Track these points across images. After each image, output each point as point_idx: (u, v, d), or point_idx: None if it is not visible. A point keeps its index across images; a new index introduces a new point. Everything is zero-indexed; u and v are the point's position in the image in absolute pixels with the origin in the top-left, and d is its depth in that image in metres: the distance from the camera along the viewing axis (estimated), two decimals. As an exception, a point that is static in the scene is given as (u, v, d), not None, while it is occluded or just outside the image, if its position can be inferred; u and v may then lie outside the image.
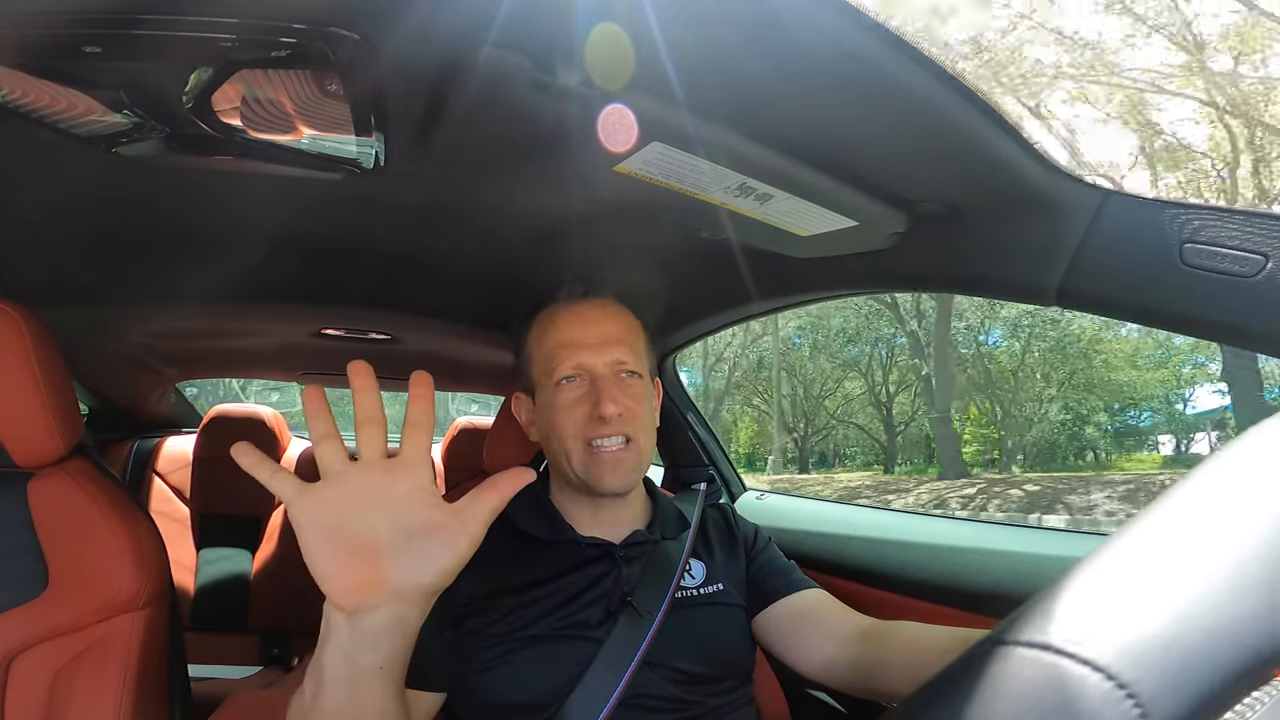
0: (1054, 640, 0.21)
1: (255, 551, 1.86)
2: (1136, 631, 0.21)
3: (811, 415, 17.70)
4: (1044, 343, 14.22)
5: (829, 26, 0.46)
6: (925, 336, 14.00)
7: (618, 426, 0.73)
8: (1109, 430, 15.17)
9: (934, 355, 13.27)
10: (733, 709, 0.74)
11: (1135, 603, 0.21)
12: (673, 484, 1.51)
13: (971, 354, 14.78)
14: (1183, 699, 0.19)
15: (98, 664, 0.73)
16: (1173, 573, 0.22)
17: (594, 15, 0.45)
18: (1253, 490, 0.23)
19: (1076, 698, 0.20)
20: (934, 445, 14.76)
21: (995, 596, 0.82)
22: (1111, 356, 14.12)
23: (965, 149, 0.58)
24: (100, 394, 1.85)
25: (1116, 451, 15.25)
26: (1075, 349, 13.98)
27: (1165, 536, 0.23)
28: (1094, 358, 14.06)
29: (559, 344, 0.77)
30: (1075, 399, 14.33)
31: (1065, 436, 14.92)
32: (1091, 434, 14.94)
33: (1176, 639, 0.20)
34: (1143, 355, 14.30)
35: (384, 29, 0.48)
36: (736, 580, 0.82)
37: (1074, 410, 14.46)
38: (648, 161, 0.63)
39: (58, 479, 0.77)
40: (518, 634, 0.69)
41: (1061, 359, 14.22)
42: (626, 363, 0.76)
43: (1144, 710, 0.19)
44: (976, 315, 14.23)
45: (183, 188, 0.78)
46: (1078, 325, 13.51)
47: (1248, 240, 0.52)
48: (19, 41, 0.47)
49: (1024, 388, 14.64)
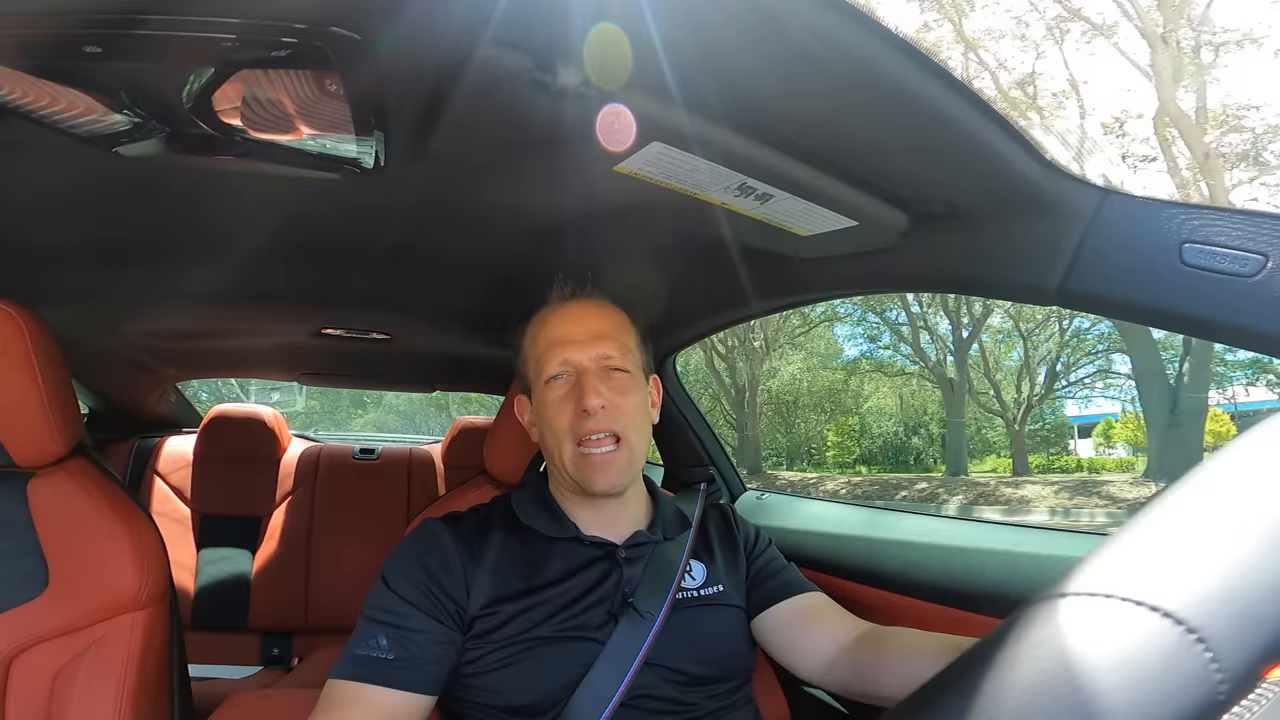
0: (1120, 589, 0.21)
1: (255, 551, 1.86)
2: (1199, 581, 0.21)
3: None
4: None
5: (828, 26, 0.46)
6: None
7: (603, 422, 0.73)
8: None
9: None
10: (732, 709, 0.74)
11: (1192, 555, 0.22)
12: (672, 484, 1.51)
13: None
14: (1249, 645, 0.19)
15: (98, 664, 0.73)
16: (1224, 528, 0.22)
17: (592, 15, 0.45)
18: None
19: (1147, 644, 0.20)
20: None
21: (995, 596, 0.82)
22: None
23: (965, 149, 0.58)
24: (100, 394, 1.85)
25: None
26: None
27: (1212, 497, 0.23)
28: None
29: (548, 342, 0.77)
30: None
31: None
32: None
33: (1234, 590, 0.20)
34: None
35: (383, 29, 0.48)
36: (737, 582, 0.82)
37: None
38: (648, 161, 0.63)
39: (58, 479, 0.77)
40: (522, 636, 0.69)
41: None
42: (612, 358, 0.76)
43: (1214, 655, 0.19)
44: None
45: (183, 188, 0.78)
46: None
47: (1248, 240, 0.52)
48: (19, 41, 0.47)
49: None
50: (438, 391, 2.29)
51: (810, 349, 17.60)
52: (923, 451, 17.12)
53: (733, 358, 16.37)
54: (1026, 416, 14.72)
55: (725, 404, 16.70)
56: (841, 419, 17.23)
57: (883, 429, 17.47)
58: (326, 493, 1.94)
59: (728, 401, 16.65)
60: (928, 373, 15.73)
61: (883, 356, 16.94)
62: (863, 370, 17.19)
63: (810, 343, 17.41)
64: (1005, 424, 15.15)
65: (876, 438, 17.44)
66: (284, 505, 1.92)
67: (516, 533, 0.77)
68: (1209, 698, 0.19)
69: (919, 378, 16.41)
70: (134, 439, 1.93)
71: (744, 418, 16.24)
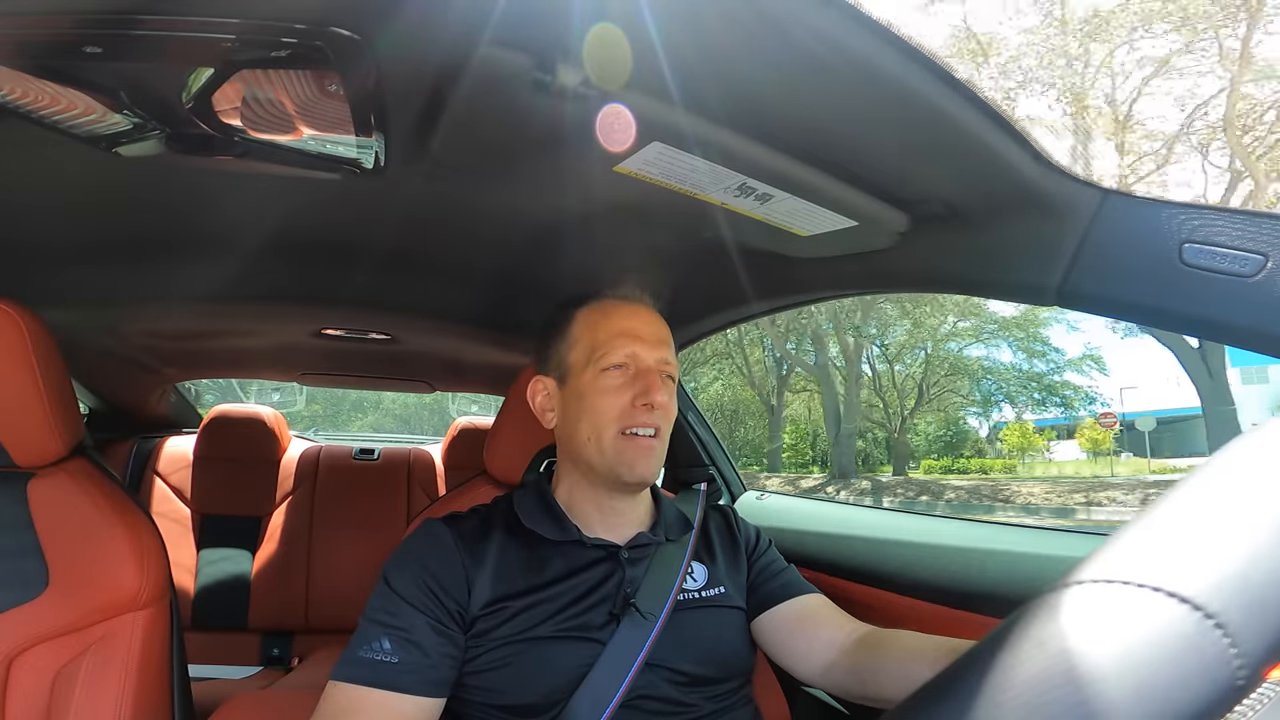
0: (1137, 576, 0.21)
1: (255, 551, 1.86)
2: (1215, 568, 0.21)
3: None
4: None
5: (827, 26, 0.46)
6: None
7: (658, 419, 0.75)
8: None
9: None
10: (732, 710, 0.74)
11: (1209, 542, 0.22)
12: (673, 484, 1.51)
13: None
14: (1268, 631, 0.19)
15: (98, 664, 0.73)
16: (1241, 515, 0.22)
17: (592, 15, 0.45)
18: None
19: (1165, 630, 0.20)
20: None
21: (995, 596, 0.82)
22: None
23: (965, 149, 0.58)
24: (100, 394, 1.85)
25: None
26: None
27: (1228, 485, 0.23)
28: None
29: (616, 331, 0.78)
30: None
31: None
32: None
33: (1250, 576, 0.20)
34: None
35: (383, 29, 0.48)
36: (737, 583, 0.82)
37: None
38: (648, 162, 0.63)
39: (58, 479, 0.77)
40: (524, 636, 0.69)
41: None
42: (670, 365, 0.79)
43: (1233, 640, 0.19)
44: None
45: (183, 188, 0.78)
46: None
47: (1248, 240, 0.52)
48: (19, 41, 0.47)
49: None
50: (437, 393, 2.29)
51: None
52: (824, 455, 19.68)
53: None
54: (902, 427, 17.86)
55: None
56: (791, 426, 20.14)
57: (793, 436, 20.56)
58: (326, 493, 1.94)
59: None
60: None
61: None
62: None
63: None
64: (887, 433, 18.31)
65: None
66: (284, 505, 1.92)
67: (518, 533, 0.77)
68: (1228, 683, 0.19)
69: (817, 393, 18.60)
70: (134, 439, 1.93)
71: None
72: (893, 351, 16.96)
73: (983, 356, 16.81)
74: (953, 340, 16.61)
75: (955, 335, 16.48)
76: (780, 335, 16.40)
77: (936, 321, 16.06)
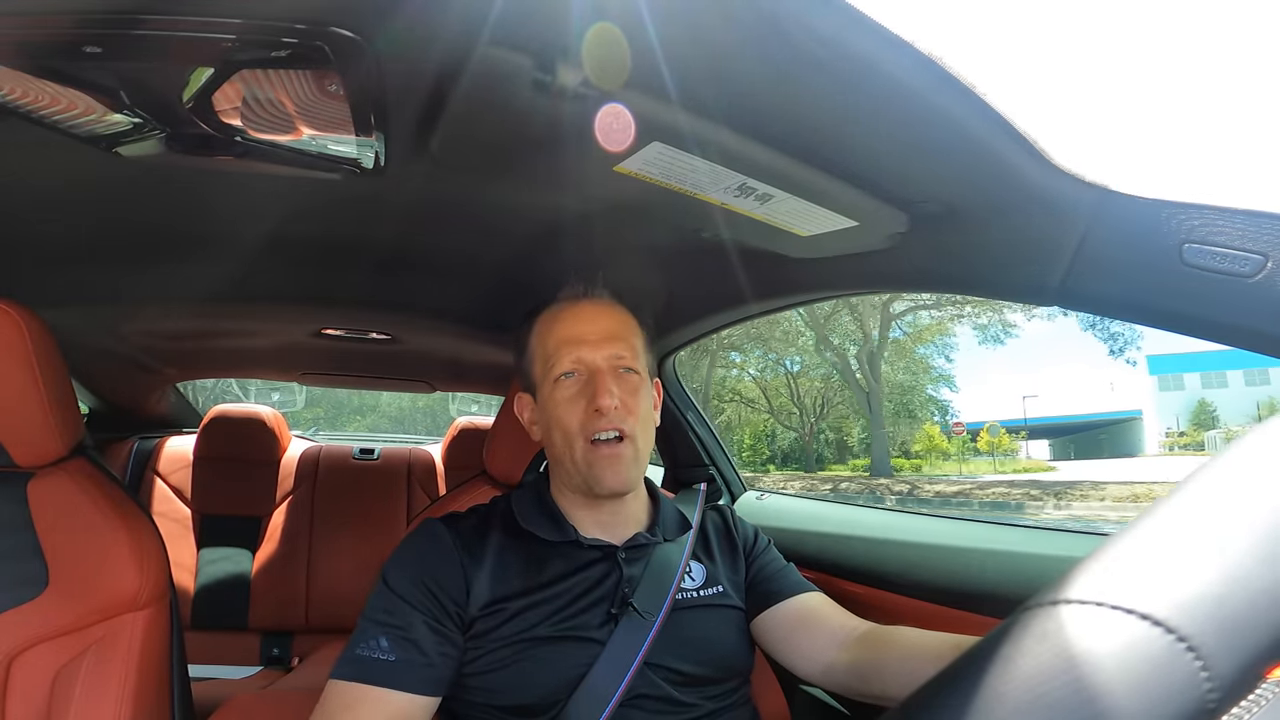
0: (1108, 597, 0.21)
1: (255, 551, 1.86)
2: (1189, 589, 0.21)
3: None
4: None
5: (826, 26, 0.46)
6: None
7: (614, 420, 0.73)
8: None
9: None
10: (731, 709, 0.74)
11: (1182, 564, 0.21)
12: (673, 484, 1.51)
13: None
14: (1239, 653, 0.19)
15: (98, 664, 0.73)
16: (1215, 537, 0.22)
17: (591, 15, 0.45)
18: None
19: (1135, 651, 0.20)
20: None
21: (995, 596, 0.82)
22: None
23: (965, 149, 0.58)
24: (100, 394, 1.85)
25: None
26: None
27: (1206, 504, 0.23)
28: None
29: (560, 340, 0.77)
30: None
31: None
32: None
33: (1225, 598, 0.20)
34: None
35: (383, 29, 0.48)
36: (736, 583, 0.82)
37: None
38: (647, 161, 0.63)
39: (58, 479, 0.77)
40: (522, 636, 0.69)
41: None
42: (624, 358, 0.77)
43: (1204, 663, 0.19)
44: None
45: (183, 188, 0.78)
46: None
47: (1248, 240, 0.52)
48: (19, 41, 0.47)
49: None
50: (433, 395, 2.29)
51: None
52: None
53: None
54: (814, 432, 20.55)
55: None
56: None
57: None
58: (326, 493, 1.94)
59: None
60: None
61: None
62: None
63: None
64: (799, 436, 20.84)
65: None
66: (284, 505, 1.92)
67: (516, 534, 0.77)
68: (1198, 705, 0.19)
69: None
70: (134, 439, 1.93)
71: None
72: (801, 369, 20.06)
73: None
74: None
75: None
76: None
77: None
